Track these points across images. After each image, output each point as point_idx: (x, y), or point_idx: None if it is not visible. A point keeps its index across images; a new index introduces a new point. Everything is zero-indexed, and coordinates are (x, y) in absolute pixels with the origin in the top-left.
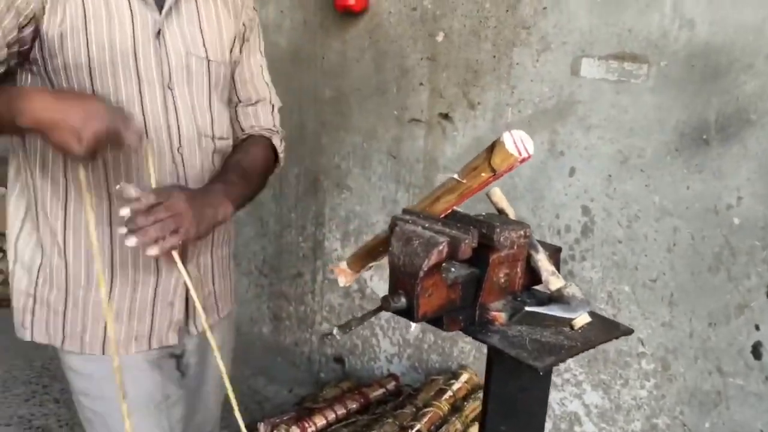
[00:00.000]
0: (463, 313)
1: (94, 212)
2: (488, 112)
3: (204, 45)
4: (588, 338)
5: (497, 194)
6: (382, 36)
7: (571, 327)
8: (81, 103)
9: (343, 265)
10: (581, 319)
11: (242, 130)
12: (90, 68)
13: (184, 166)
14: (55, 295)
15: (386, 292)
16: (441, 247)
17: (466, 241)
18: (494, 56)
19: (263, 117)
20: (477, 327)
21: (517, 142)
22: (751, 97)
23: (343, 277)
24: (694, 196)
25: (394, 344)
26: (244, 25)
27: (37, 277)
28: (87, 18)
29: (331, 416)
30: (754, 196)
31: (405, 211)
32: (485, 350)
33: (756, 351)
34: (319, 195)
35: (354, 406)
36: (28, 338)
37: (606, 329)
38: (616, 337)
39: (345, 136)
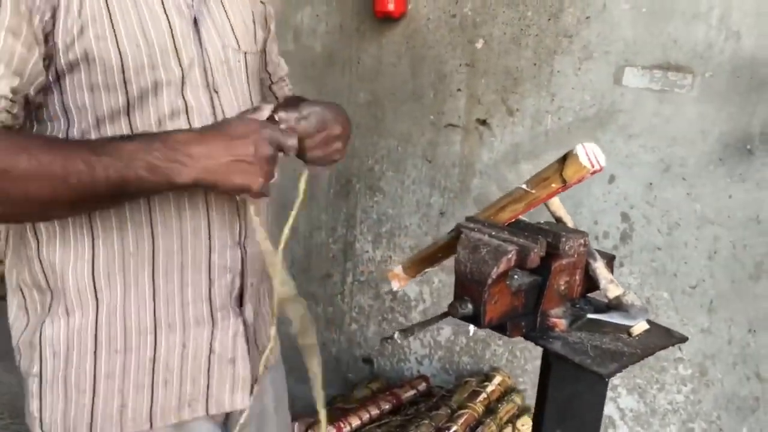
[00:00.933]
0: (524, 319)
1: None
2: (527, 118)
3: (234, 33)
4: (647, 345)
5: (555, 203)
6: (419, 42)
7: (629, 334)
8: (237, 132)
9: (399, 269)
10: (639, 326)
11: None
12: (124, 75)
13: None
14: (76, 369)
15: (412, 294)
16: (510, 256)
17: (535, 250)
18: (534, 64)
19: (289, 91)
20: (538, 333)
21: (589, 154)
22: None
23: (397, 282)
24: (736, 205)
25: (425, 346)
26: (262, 1)
27: (41, 350)
28: (110, 7)
29: (365, 416)
30: None
31: (469, 219)
32: (518, 353)
33: None
34: (351, 197)
35: (387, 406)
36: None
37: (662, 336)
38: (673, 344)
39: (379, 139)
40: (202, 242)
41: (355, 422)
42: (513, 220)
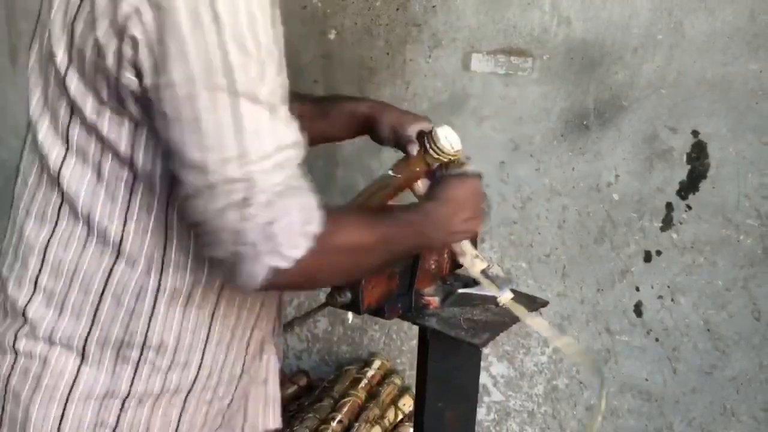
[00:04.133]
0: (400, 301)
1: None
2: None
3: None
4: (513, 313)
5: (420, 188)
6: None
7: (497, 304)
8: (465, 193)
9: None
10: (505, 296)
11: None
12: None
13: None
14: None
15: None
16: None
17: None
18: (387, 53)
19: None
20: (414, 313)
21: (449, 137)
22: (622, 86)
23: None
24: (579, 176)
25: (302, 340)
26: None
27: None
28: None
29: None
30: (629, 174)
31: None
32: (395, 336)
33: (637, 310)
34: None
35: None
36: None
37: (526, 303)
38: (536, 309)
39: None
40: None
41: None
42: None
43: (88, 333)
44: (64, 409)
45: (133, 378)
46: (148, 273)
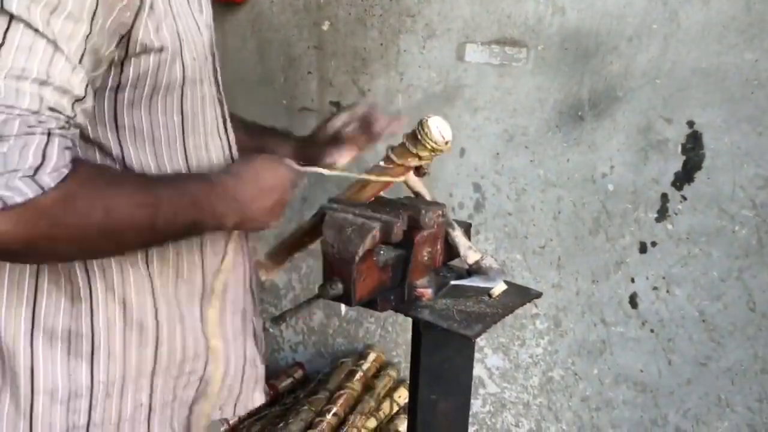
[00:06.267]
0: (393, 293)
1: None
2: (379, 98)
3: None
4: (507, 304)
5: (413, 179)
6: (265, 25)
7: (490, 296)
8: (268, 183)
9: (264, 258)
10: (499, 287)
11: None
12: (182, 89)
13: None
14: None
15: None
16: (375, 232)
17: (398, 225)
18: (381, 44)
19: None
20: (407, 305)
21: (440, 127)
22: (617, 76)
23: (265, 272)
24: (573, 167)
25: (298, 333)
26: None
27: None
28: (174, 10)
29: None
30: (624, 165)
31: (332, 200)
32: (390, 328)
33: (632, 301)
34: None
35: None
36: None
37: (519, 294)
38: (530, 301)
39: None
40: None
41: (232, 418)
42: (374, 197)
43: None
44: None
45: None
46: None
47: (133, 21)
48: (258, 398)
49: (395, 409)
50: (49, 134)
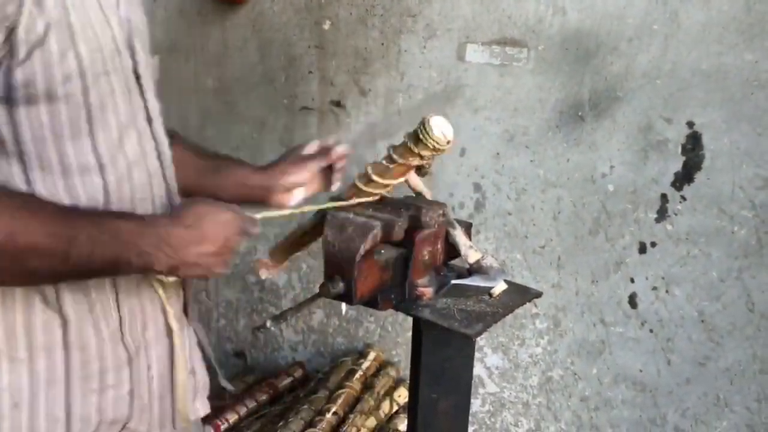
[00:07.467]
0: (394, 291)
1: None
2: (380, 98)
3: (142, 32)
4: (507, 303)
5: (414, 178)
6: (265, 24)
7: (490, 295)
8: (210, 231)
9: (265, 257)
10: (499, 287)
11: None
12: (83, 82)
13: (170, 190)
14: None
15: (275, 281)
16: (376, 231)
17: (399, 224)
18: (382, 44)
19: None
20: (407, 304)
21: (442, 127)
22: (617, 76)
23: (266, 270)
24: (573, 167)
25: (298, 332)
26: None
27: None
28: (68, 2)
29: (242, 410)
30: (624, 165)
31: (333, 200)
32: (390, 327)
33: (632, 301)
34: None
35: (263, 397)
36: None
37: (520, 294)
38: (530, 300)
39: (232, 127)
40: None
41: (233, 417)
42: (376, 196)
43: None
44: None
45: None
46: None
47: (18, 13)
48: (201, 408)
49: (395, 408)
50: None
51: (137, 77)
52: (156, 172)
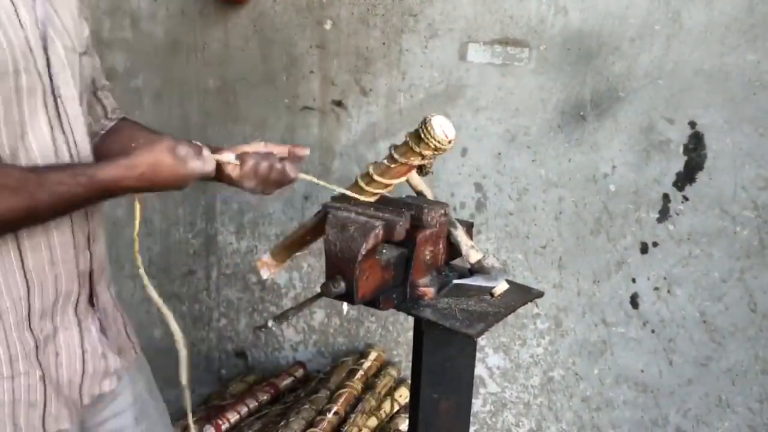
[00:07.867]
0: (395, 291)
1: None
2: (381, 98)
3: (67, 32)
4: (508, 303)
5: (416, 178)
6: (267, 24)
7: (491, 295)
8: (159, 153)
9: (267, 257)
10: (500, 287)
11: (106, 112)
12: None
13: None
14: None
15: (270, 281)
16: (377, 231)
17: (401, 224)
18: (384, 43)
19: (113, 103)
20: (409, 303)
21: (444, 126)
22: (619, 76)
23: (267, 269)
24: (575, 167)
25: (299, 332)
26: None
27: None
28: None
29: (243, 410)
30: (625, 165)
31: (335, 199)
32: (391, 327)
33: (633, 301)
34: (209, 189)
35: (264, 397)
36: None
37: (521, 294)
38: (531, 300)
39: (233, 126)
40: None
41: (234, 417)
42: (377, 195)
43: None
44: None
45: None
46: None
47: None
48: (108, 385)
49: (396, 408)
50: None
51: (50, 76)
52: None
